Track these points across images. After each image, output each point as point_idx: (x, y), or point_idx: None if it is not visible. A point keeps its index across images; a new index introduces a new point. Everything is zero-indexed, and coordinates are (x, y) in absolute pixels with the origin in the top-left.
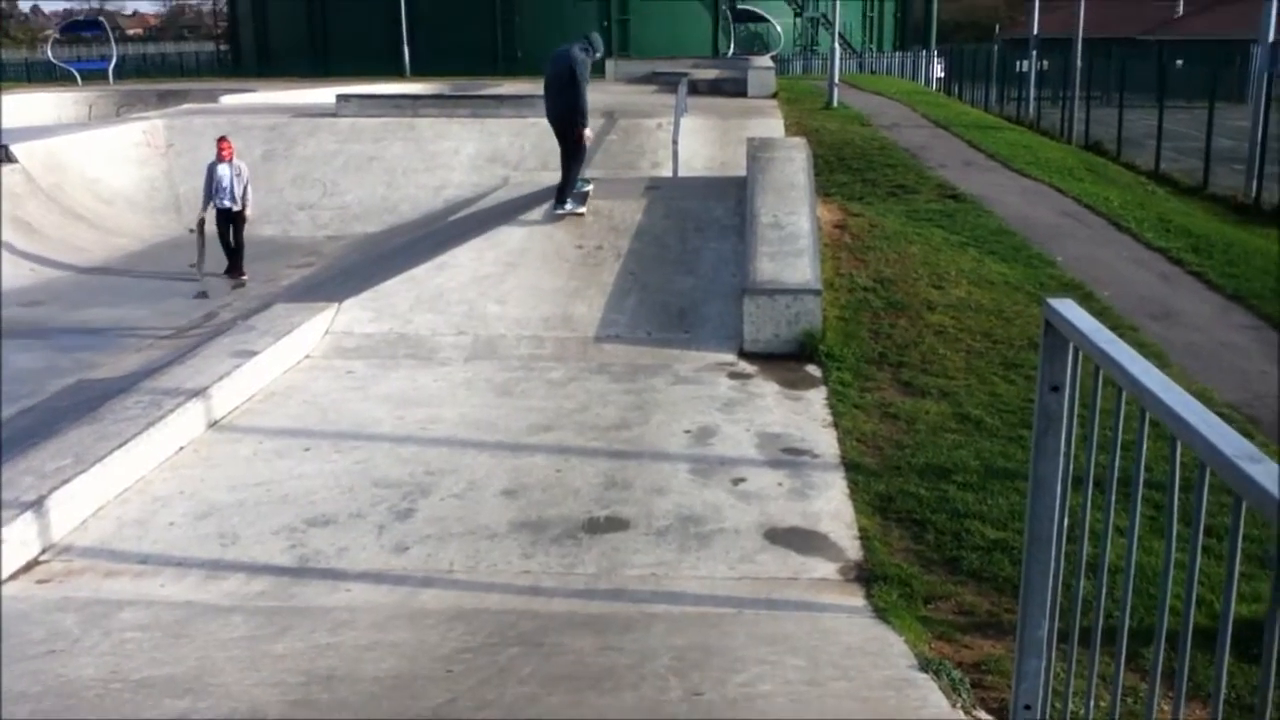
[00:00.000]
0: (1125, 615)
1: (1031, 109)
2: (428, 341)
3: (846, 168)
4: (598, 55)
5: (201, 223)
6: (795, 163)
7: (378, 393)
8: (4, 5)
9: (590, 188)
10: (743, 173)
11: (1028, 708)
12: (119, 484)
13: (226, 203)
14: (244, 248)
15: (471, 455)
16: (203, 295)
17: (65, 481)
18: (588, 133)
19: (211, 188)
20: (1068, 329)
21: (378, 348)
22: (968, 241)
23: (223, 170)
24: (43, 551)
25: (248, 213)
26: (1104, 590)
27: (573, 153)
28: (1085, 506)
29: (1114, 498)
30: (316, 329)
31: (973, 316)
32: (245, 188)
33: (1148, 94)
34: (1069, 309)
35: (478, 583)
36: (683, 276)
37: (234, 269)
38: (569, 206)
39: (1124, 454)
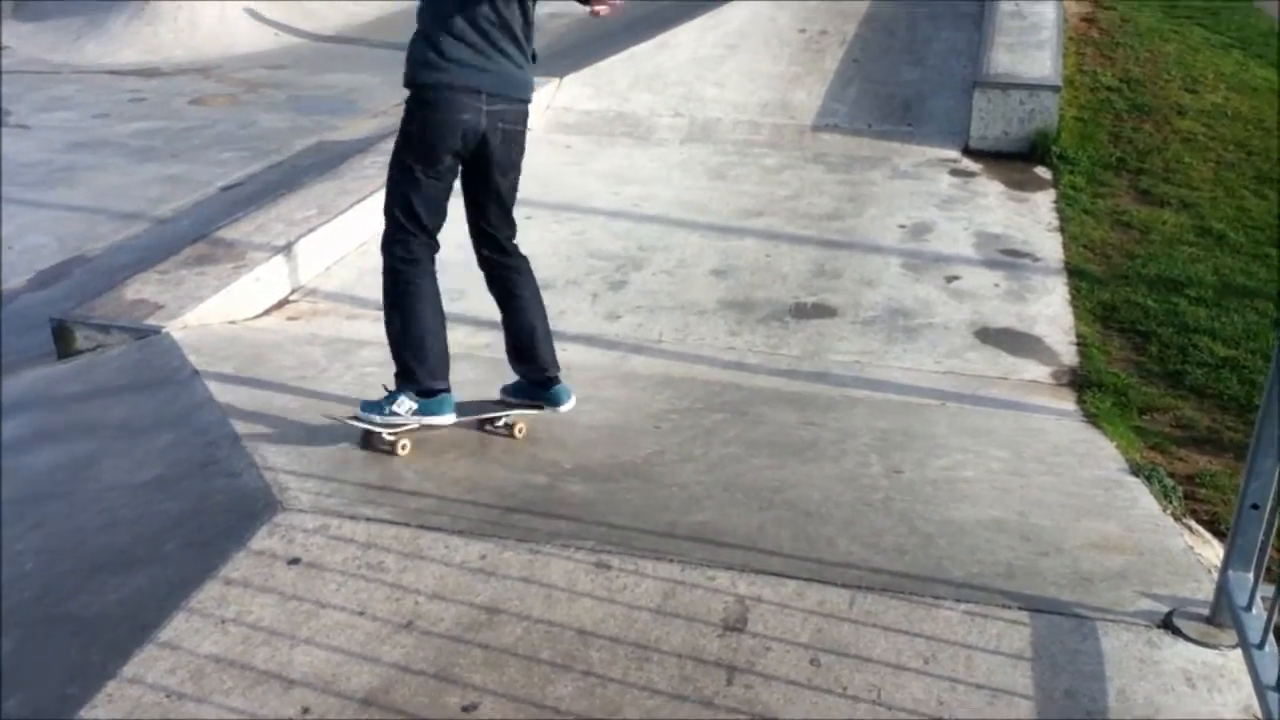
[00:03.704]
0: None
1: None
2: (645, 121)
3: None
4: None
5: None
6: None
7: (595, 169)
8: None
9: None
10: None
11: (1255, 507)
12: (358, 236)
13: None
14: None
15: (683, 234)
16: None
17: (311, 230)
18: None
19: None
20: None
21: (596, 124)
22: (1232, 42)
23: None
24: (292, 291)
25: None
26: None
27: (509, 221)
28: None
29: None
30: (538, 103)
31: (1227, 125)
32: None
33: None
34: None
35: (685, 354)
36: (910, 66)
37: None
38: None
39: None
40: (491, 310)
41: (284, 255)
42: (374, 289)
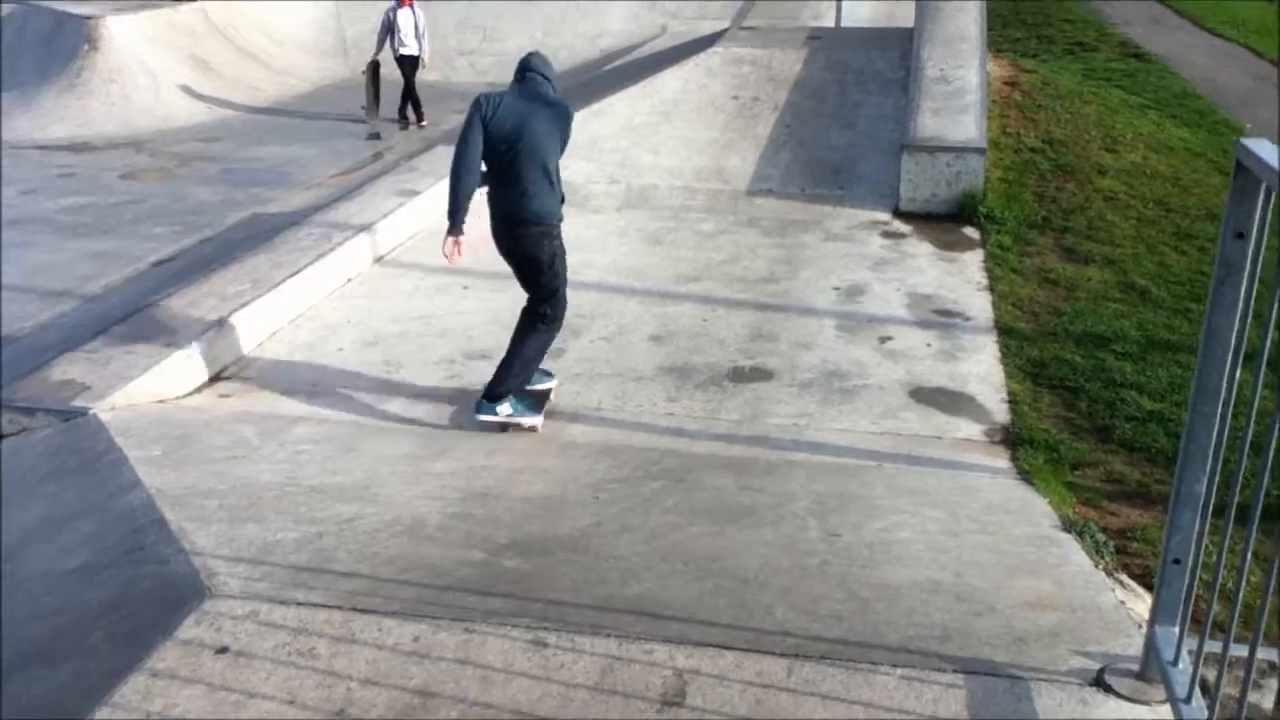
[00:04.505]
0: None
1: None
2: (582, 189)
3: (1021, 23)
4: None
5: (375, 65)
6: (967, 14)
7: None
8: None
9: (554, 383)
10: (910, 25)
11: (1177, 561)
12: (292, 310)
13: (408, 49)
14: (413, 93)
15: (621, 300)
16: (375, 136)
17: (244, 304)
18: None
19: (391, 34)
20: (1261, 168)
21: None
22: (1148, 104)
23: (404, 16)
24: (224, 367)
25: (426, 60)
26: (1270, 460)
27: (549, 296)
28: (1259, 372)
29: None
30: None
31: (1147, 183)
32: (424, 34)
33: None
34: (1263, 147)
35: (624, 420)
36: (840, 131)
37: (418, 115)
38: (507, 411)
39: None
40: (429, 384)
41: (216, 331)
42: (307, 363)
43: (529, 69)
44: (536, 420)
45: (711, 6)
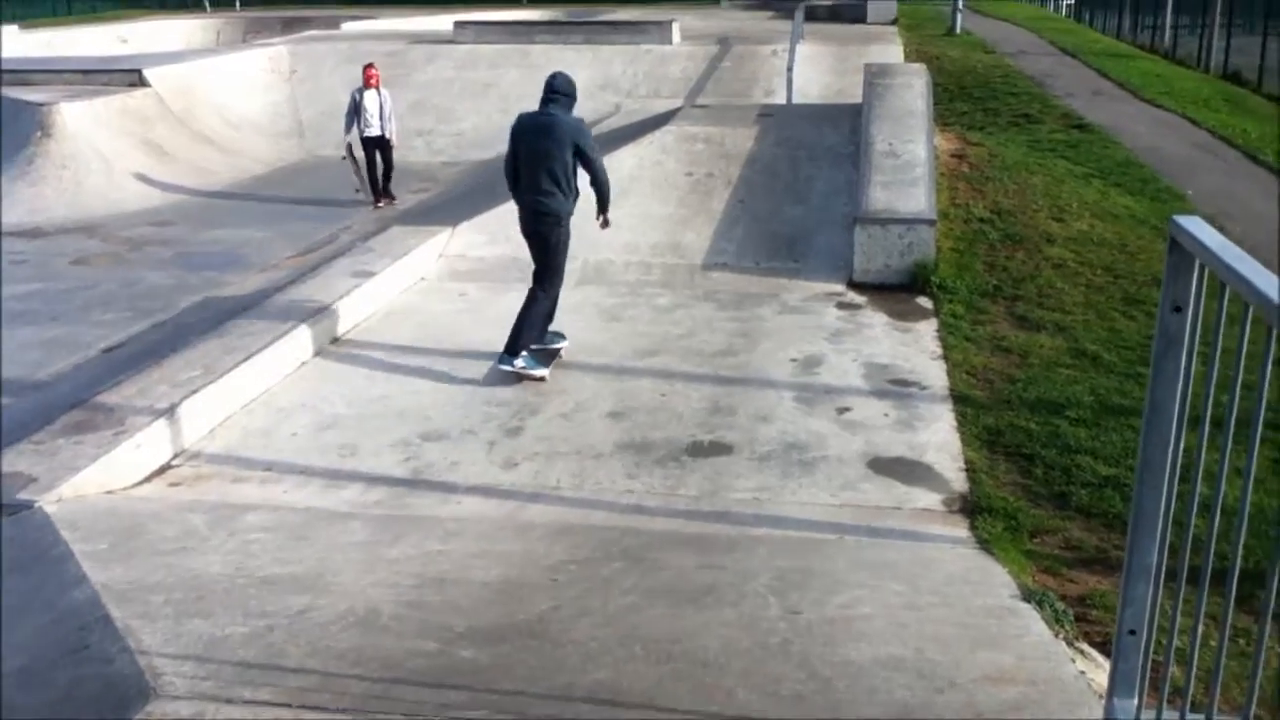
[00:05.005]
0: (1237, 551)
1: (1167, 37)
2: None
3: (967, 96)
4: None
5: (350, 147)
6: (914, 89)
7: (490, 315)
8: None
9: (565, 344)
10: (859, 101)
11: (1132, 633)
12: (245, 395)
13: (374, 130)
14: (393, 171)
15: (578, 377)
16: (376, 205)
17: (195, 391)
18: (609, 216)
19: (357, 115)
20: (1194, 245)
21: (491, 271)
22: (1092, 173)
23: (369, 98)
24: (174, 456)
25: (393, 139)
26: (1215, 526)
27: (549, 273)
28: (1201, 441)
29: (1232, 430)
30: (432, 252)
31: (1094, 250)
32: (390, 115)
33: None
34: (1196, 225)
35: (583, 499)
36: (793, 205)
37: (385, 194)
38: (521, 364)
39: (1246, 394)
40: (384, 467)
41: (166, 419)
42: (260, 449)
43: (550, 89)
44: (544, 372)
45: (665, 85)
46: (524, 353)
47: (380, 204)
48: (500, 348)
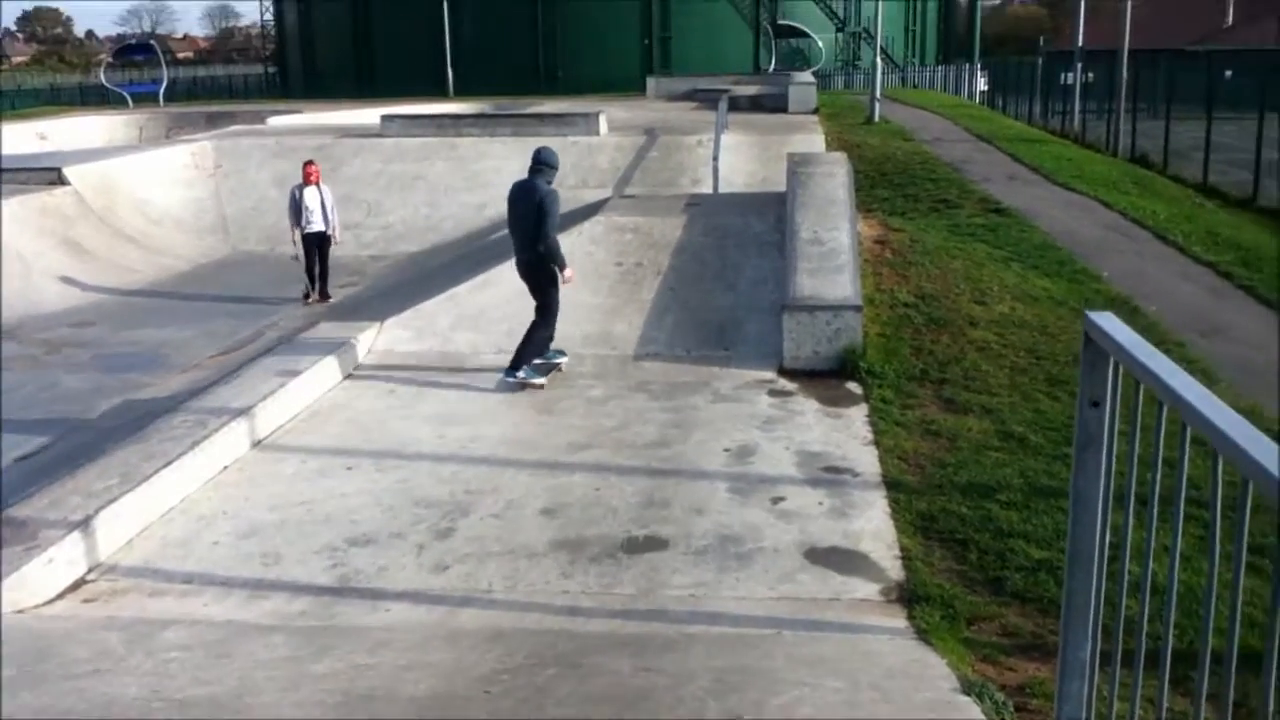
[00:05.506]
0: (1168, 636)
1: (1076, 122)
2: (469, 360)
3: (888, 183)
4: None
5: (300, 244)
6: (836, 178)
7: (419, 411)
8: (61, 31)
9: (564, 360)
10: (783, 189)
11: None
12: (164, 503)
13: (316, 226)
14: (329, 271)
15: (511, 474)
16: (306, 301)
17: (112, 501)
18: (568, 273)
19: (298, 212)
20: (1108, 342)
21: (419, 366)
22: (1011, 256)
23: (310, 194)
24: (89, 570)
25: (335, 235)
26: (1147, 610)
27: (544, 308)
28: (1127, 525)
29: (1156, 516)
30: (360, 348)
31: (1016, 332)
32: (332, 209)
33: (1196, 105)
34: (1109, 322)
35: (516, 602)
36: (722, 293)
37: (322, 292)
38: (523, 375)
39: (1167, 471)
40: (309, 575)
41: (81, 531)
42: (179, 560)
43: (535, 160)
44: (543, 381)
45: (593, 175)
46: (525, 367)
47: (310, 300)
48: (430, 444)
